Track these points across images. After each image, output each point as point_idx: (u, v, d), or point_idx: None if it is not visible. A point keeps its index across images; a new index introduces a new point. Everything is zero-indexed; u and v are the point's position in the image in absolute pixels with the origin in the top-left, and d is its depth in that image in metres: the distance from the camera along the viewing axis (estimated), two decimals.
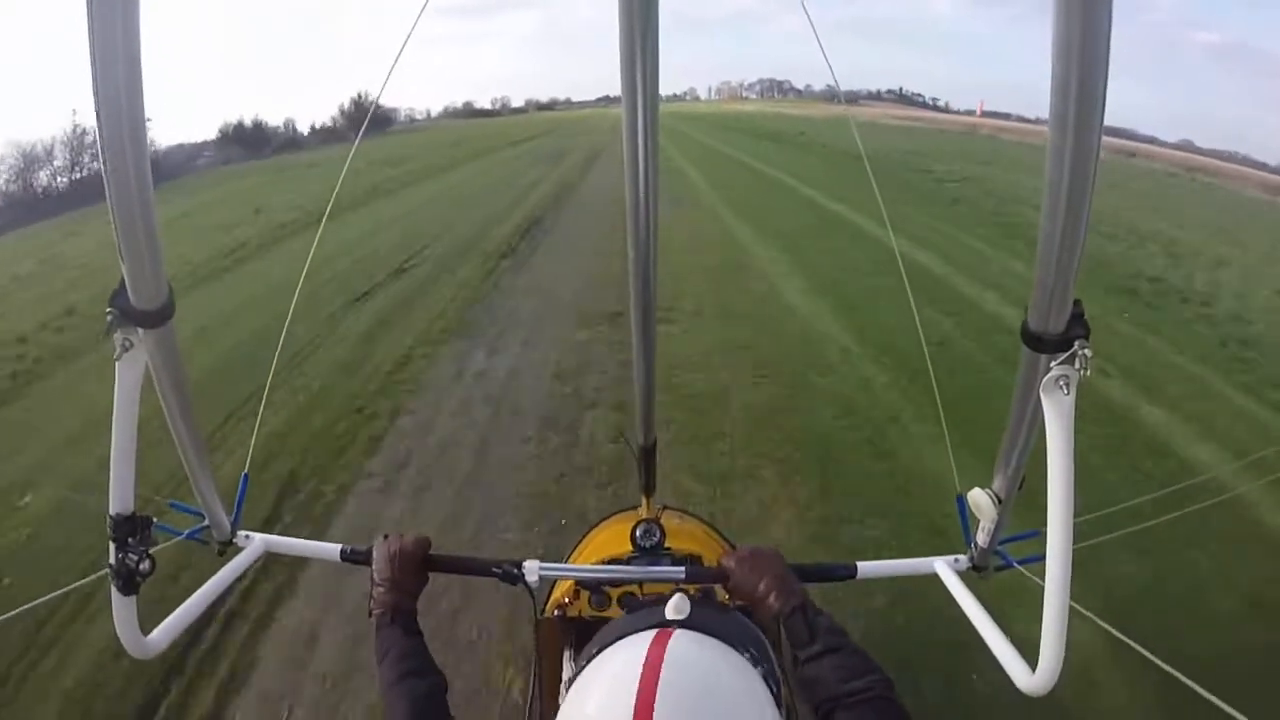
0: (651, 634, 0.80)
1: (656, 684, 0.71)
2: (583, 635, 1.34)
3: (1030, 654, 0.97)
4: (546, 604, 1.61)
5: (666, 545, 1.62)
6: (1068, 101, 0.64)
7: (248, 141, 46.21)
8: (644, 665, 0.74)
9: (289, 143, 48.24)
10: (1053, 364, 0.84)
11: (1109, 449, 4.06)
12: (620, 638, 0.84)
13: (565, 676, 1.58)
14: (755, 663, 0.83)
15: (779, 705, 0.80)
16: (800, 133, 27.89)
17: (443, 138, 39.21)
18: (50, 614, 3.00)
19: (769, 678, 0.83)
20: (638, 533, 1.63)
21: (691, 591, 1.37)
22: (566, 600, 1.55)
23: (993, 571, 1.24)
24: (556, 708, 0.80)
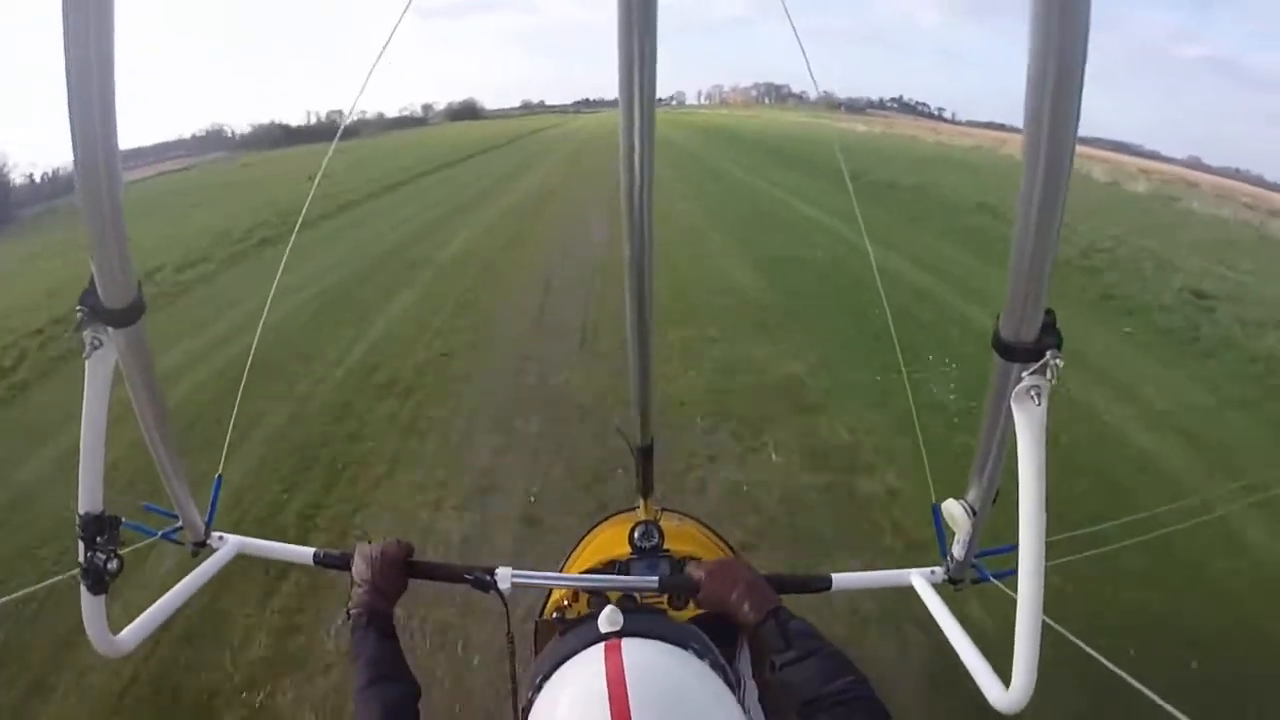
0: (599, 650, 0.80)
1: (627, 697, 0.71)
2: None
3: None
4: (545, 606, 1.59)
5: (665, 547, 1.59)
6: (1041, 112, 0.65)
7: None
8: (607, 681, 0.74)
9: None
10: (1024, 374, 0.84)
11: None
12: (563, 661, 0.84)
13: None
14: (701, 655, 0.85)
15: (732, 690, 0.82)
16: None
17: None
18: None
19: (716, 666, 0.84)
20: (636, 534, 1.61)
21: (664, 602, 1.36)
22: (565, 603, 1.53)
23: (969, 584, 1.23)
24: None
